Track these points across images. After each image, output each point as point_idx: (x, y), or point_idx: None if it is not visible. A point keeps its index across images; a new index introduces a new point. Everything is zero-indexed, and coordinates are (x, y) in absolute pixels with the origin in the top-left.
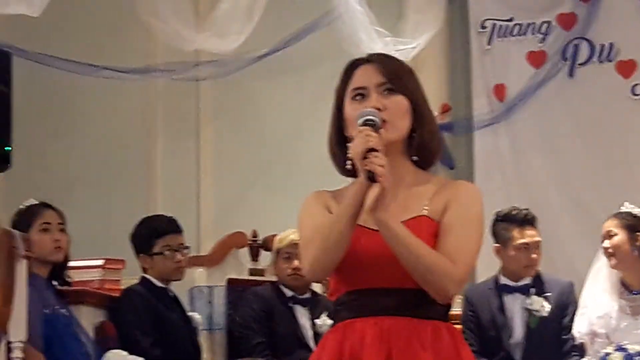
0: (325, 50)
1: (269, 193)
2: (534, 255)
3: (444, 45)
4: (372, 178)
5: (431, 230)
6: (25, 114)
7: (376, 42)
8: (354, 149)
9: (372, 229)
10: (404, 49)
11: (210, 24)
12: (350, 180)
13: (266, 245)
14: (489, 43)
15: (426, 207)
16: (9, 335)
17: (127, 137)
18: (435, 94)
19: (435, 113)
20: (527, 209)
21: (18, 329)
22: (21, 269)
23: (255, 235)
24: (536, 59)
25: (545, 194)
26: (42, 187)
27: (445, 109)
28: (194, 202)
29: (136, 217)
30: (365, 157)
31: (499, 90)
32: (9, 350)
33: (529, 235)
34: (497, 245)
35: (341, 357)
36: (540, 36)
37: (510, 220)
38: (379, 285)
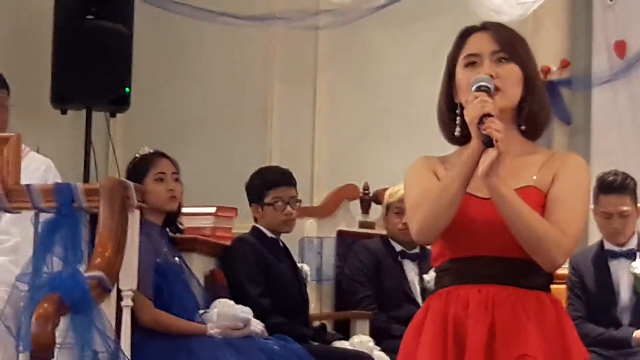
0: (443, 1)
1: (383, 145)
2: (615, 226)
3: (566, 0)
4: (489, 143)
5: (539, 201)
6: (145, 58)
7: None
8: (470, 113)
9: (481, 197)
10: (524, 3)
11: None
12: (455, 148)
13: (377, 198)
14: None
15: (535, 178)
16: (119, 283)
17: (245, 84)
18: (554, 49)
19: (555, 68)
20: (622, 175)
21: (129, 278)
22: (134, 220)
23: (366, 188)
24: None
25: None
26: (158, 131)
27: (565, 65)
28: (308, 152)
29: (251, 166)
30: (481, 122)
31: (620, 47)
32: (119, 298)
33: (612, 204)
34: (592, 207)
35: (445, 323)
36: None
37: (599, 186)
38: (486, 253)
